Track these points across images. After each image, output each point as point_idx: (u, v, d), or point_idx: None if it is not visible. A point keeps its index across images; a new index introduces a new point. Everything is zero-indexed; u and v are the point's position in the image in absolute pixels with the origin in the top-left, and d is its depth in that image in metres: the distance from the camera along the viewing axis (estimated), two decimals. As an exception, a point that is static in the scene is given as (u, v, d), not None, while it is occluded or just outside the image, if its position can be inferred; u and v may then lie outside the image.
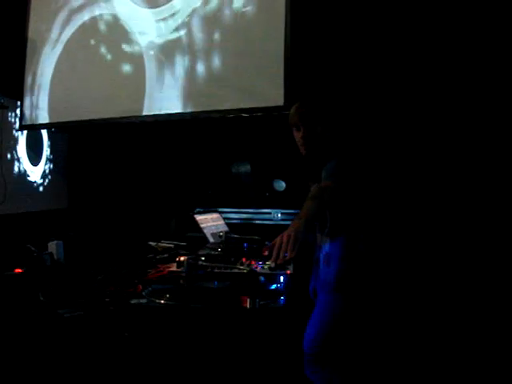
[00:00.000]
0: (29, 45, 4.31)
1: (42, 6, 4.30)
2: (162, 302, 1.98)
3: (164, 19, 3.77)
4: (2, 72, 3.95)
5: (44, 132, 4.54)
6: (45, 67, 4.25)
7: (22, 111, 4.26)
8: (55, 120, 4.24)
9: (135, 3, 3.90)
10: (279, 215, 4.08)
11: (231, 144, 4.23)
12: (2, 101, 3.61)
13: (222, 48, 3.55)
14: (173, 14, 3.73)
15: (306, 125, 2.14)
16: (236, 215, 4.05)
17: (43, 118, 4.25)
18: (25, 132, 4.28)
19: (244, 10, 3.48)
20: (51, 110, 4.22)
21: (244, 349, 1.86)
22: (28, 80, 4.30)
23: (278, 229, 3.81)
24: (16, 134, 4.18)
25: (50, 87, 4.22)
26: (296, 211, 3.89)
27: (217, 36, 3.57)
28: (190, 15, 3.65)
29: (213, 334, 1.87)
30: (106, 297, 2.10)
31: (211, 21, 3.58)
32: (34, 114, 4.27)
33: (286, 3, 3.32)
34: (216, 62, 3.57)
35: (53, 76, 4.22)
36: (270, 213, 4.09)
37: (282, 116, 3.33)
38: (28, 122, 4.27)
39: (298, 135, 2.20)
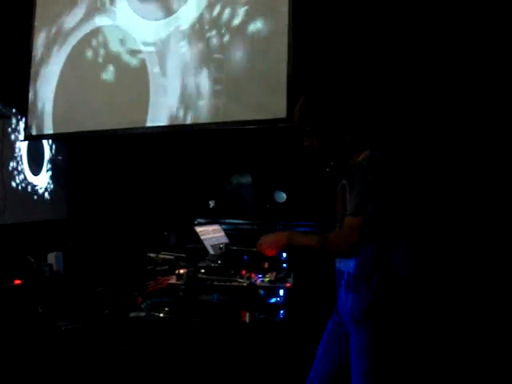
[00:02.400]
0: (33, 56, 4.35)
1: (45, 18, 4.33)
2: (161, 315, 1.97)
3: (167, 31, 3.79)
4: (7, 83, 3.97)
5: (45, 142, 4.55)
6: (48, 78, 4.28)
7: (26, 122, 4.28)
8: (59, 131, 4.25)
9: (138, 15, 3.92)
10: (280, 227, 4.07)
11: (232, 155, 4.23)
12: (4, 111, 3.63)
13: (224, 60, 3.57)
14: (175, 27, 3.75)
15: (314, 123, 1.86)
16: (236, 227, 4.04)
17: (47, 128, 4.27)
18: (26, 142, 4.29)
19: (247, 23, 3.50)
20: (55, 120, 4.24)
21: (243, 363, 1.85)
22: (32, 91, 4.33)
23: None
24: (17, 144, 4.19)
25: (53, 98, 4.25)
26: (297, 223, 3.91)
27: (219, 48, 3.59)
28: (193, 28, 3.67)
29: (212, 348, 1.86)
30: (104, 309, 2.09)
31: (214, 34, 3.60)
32: (37, 125, 4.30)
33: (289, 16, 3.34)
34: (218, 74, 3.58)
35: (56, 87, 4.24)
36: (271, 224, 4.08)
37: (284, 128, 3.35)
38: (32, 133, 4.29)
39: (308, 140, 1.92)
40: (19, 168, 4.19)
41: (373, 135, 1.97)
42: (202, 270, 2.41)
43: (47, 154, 4.59)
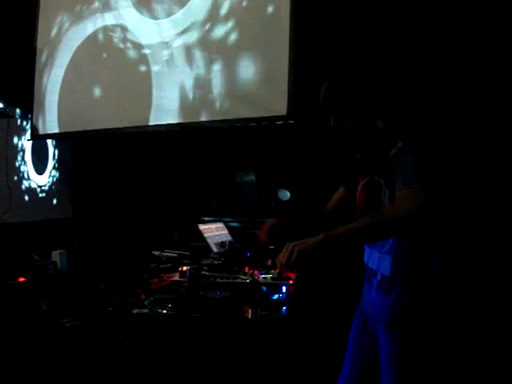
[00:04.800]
0: (38, 56, 4.37)
1: (50, 17, 4.35)
2: (164, 311, 1.97)
3: (170, 30, 3.80)
4: (11, 82, 3.99)
5: (49, 141, 4.57)
6: (53, 77, 4.30)
7: (31, 121, 4.30)
8: (64, 130, 4.27)
9: (142, 14, 3.93)
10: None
11: (236, 153, 4.24)
12: (8, 110, 3.64)
13: (227, 58, 3.57)
14: (179, 26, 3.76)
15: (345, 104, 1.70)
16: (240, 224, 4.04)
17: (52, 127, 4.29)
18: (30, 141, 4.31)
19: (249, 21, 3.50)
20: (60, 120, 4.26)
21: (245, 359, 1.85)
22: (37, 90, 4.35)
23: (282, 238, 3.81)
24: (22, 143, 4.22)
25: (58, 97, 4.26)
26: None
27: (222, 47, 3.59)
28: (196, 27, 3.68)
29: (214, 344, 1.86)
30: (108, 306, 2.10)
31: (217, 31, 3.61)
32: (43, 124, 4.32)
33: (291, 15, 3.34)
34: (221, 72, 3.59)
35: (61, 86, 4.26)
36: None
37: (286, 125, 3.35)
38: (37, 132, 4.32)
39: (337, 122, 1.74)
40: (24, 167, 4.21)
41: (405, 125, 1.85)
42: (205, 267, 2.42)
43: (52, 153, 4.61)
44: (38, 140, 4.40)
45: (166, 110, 3.79)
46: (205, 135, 4.09)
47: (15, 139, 4.14)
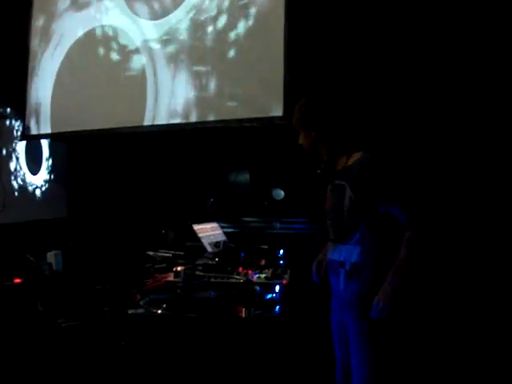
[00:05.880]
0: (31, 56, 4.36)
1: (43, 17, 4.34)
2: (159, 311, 2.00)
3: (164, 31, 3.80)
4: (4, 82, 3.99)
5: (43, 141, 4.57)
6: (46, 77, 4.29)
7: (24, 121, 4.29)
8: (56, 130, 4.27)
9: (136, 14, 3.93)
10: (278, 224, 4.10)
11: (230, 154, 4.26)
12: (1, 110, 3.64)
13: (222, 59, 3.58)
14: (173, 27, 3.76)
15: (307, 128, 2.00)
16: (235, 224, 4.07)
17: (45, 128, 4.28)
18: (24, 141, 4.31)
19: (244, 23, 3.52)
20: (53, 120, 4.25)
21: (239, 358, 1.88)
22: (30, 90, 4.34)
23: (276, 238, 3.84)
24: (16, 144, 4.21)
25: (51, 97, 4.26)
26: (295, 220, 3.94)
27: (217, 48, 3.60)
28: (190, 28, 3.69)
29: (209, 343, 1.89)
30: (104, 306, 2.12)
31: (211, 33, 3.62)
32: (35, 124, 4.31)
33: (285, 17, 3.35)
34: (216, 73, 3.60)
35: (54, 86, 4.26)
36: (269, 222, 4.11)
37: (281, 126, 3.38)
38: (30, 132, 4.31)
39: (301, 139, 2.05)
40: (18, 167, 4.21)
41: (363, 138, 2.09)
42: (200, 268, 2.44)
43: (46, 153, 4.61)
44: (32, 140, 4.40)
45: (160, 110, 3.80)
46: (199, 135, 4.10)
47: (9, 139, 4.13)
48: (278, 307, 2.00)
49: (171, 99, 3.75)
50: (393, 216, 1.86)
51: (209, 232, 3.34)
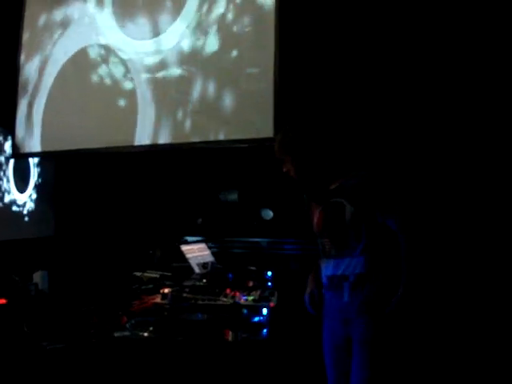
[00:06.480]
0: (21, 74, 4.36)
1: (34, 35, 4.35)
2: (146, 334, 1.99)
3: (154, 51, 3.84)
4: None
5: (31, 159, 4.55)
6: (38, 96, 4.28)
7: (13, 140, 4.28)
8: (47, 149, 4.25)
9: (126, 34, 3.97)
10: (266, 244, 4.10)
11: (219, 173, 4.27)
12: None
13: (211, 81, 3.62)
14: (163, 47, 3.80)
15: (290, 155, 2.05)
16: (223, 245, 4.06)
17: (34, 146, 4.27)
18: (12, 159, 4.29)
19: (233, 44, 3.57)
20: (42, 138, 4.24)
21: (226, 382, 1.87)
22: (20, 109, 4.33)
23: (265, 258, 3.84)
24: (3, 161, 4.19)
25: (42, 116, 4.25)
26: (283, 240, 3.94)
27: (207, 69, 3.64)
28: (180, 49, 3.72)
29: (195, 367, 1.88)
30: (89, 328, 2.11)
31: (201, 55, 3.66)
32: (26, 143, 4.28)
33: (275, 37, 3.41)
34: (206, 94, 3.63)
35: (45, 105, 4.25)
36: (257, 242, 4.11)
37: (271, 146, 3.40)
38: (19, 151, 4.29)
39: (285, 167, 2.11)
40: (5, 185, 4.18)
41: (345, 165, 2.11)
42: (187, 289, 2.43)
43: (33, 172, 4.59)
44: (20, 158, 4.38)
45: (150, 130, 3.82)
46: (188, 155, 4.11)
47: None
48: (265, 330, 2.00)
49: (161, 120, 3.78)
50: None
51: (196, 253, 3.33)
